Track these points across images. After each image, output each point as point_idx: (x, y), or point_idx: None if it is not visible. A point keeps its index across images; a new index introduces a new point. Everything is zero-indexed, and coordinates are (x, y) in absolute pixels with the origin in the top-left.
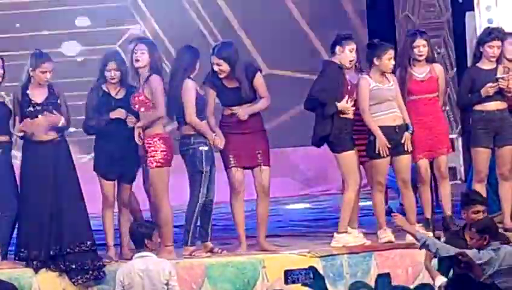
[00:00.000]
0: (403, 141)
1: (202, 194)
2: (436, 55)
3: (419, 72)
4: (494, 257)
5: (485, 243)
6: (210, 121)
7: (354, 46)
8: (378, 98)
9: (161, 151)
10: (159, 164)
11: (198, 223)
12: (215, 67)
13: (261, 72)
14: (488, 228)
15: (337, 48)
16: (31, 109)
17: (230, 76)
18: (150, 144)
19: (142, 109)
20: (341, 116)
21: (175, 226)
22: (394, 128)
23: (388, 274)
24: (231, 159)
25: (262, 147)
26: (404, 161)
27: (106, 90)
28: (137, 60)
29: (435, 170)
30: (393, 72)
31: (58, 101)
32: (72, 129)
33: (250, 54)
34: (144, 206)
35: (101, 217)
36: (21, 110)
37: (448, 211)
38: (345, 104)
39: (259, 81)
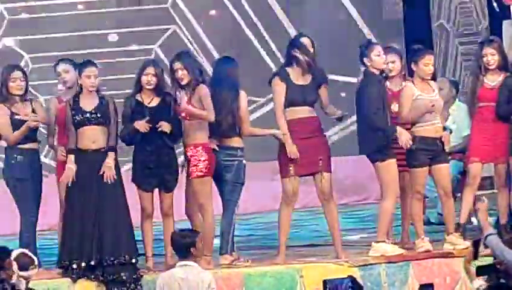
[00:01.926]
0: (442, 140)
1: (238, 204)
2: None
3: (491, 80)
4: None
5: None
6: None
7: (379, 49)
8: (421, 107)
9: (204, 160)
10: (201, 174)
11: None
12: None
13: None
14: None
15: (365, 60)
16: (80, 117)
17: (306, 70)
18: (193, 153)
19: (188, 118)
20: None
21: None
22: (436, 140)
23: (431, 285)
24: (290, 167)
25: (324, 153)
26: (444, 169)
27: (140, 99)
28: (181, 79)
29: (495, 178)
30: (434, 79)
31: (108, 110)
32: None
33: None
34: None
35: (140, 227)
36: (71, 118)
37: (503, 219)
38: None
39: (325, 90)
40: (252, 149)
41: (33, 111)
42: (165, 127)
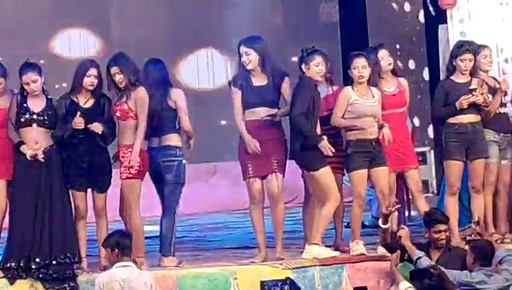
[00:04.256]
0: (381, 136)
1: (178, 205)
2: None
3: (389, 86)
4: (485, 280)
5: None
6: (240, 124)
7: (318, 59)
8: (356, 112)
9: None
10: (130, 175)
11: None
12: (243, 58)
13: (288, 77)
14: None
15: (303, 66)
16: (26, 117)
17: (259, 71)
18: (124, 153)
19: (123, 118)
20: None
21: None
22: (370, 142)
23: (365, 288)
24: (250, 168)
25: (279, 155)
26: (382, 172)
27: (75, 99)
28: (120, 83)
29: (409, 185)
30: (376, 85)
31: (55, 114)
32: None
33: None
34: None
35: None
36: (16, 117)
37: None
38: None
39: (287, 84)
40: (186, 150)
41: None
42: (95, 127)
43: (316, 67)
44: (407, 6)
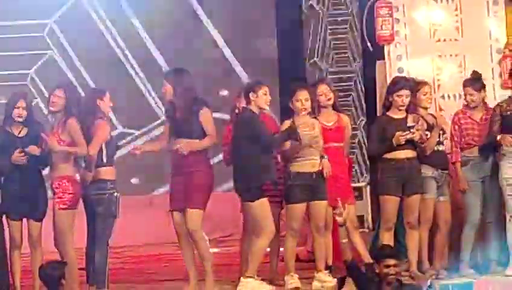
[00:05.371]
0: (321, 168)
1: (112, 238)
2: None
3: (328, 120)
4: None
5: None
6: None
7: (267, 89)
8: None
9: (68, 193)
10: (64, 206)
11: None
12: (162, 89)
13: (208, 108)
14: None
15: (251, 94)
16: None
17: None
18: (58, 185)
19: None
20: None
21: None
22: (311, 175)
23: None
24: (169, 202)
25: (195, 188)
26: (320, 206)
27: (9, 130)
28: (52, 105)
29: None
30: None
31: None
32: None
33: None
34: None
35: (9, 258)
36: None
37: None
38: None
39: (205, 116)
40: (126, 182)
41: None
42: (32, 150)
43: (265, 96)
44: (346, 40)
